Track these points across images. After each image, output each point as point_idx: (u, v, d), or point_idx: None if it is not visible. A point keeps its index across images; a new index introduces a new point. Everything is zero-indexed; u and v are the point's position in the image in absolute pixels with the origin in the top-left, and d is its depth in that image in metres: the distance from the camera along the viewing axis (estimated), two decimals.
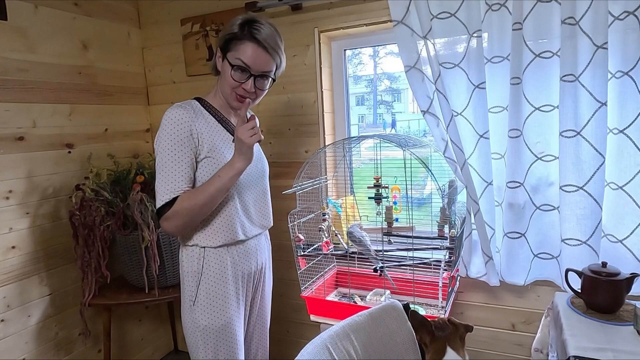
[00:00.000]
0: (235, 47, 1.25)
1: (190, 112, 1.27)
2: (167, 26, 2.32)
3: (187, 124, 1.24)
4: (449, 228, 1.66)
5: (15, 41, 1.80)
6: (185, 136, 1.24)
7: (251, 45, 1.24)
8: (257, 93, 1.31)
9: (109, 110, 2.23)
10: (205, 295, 1.31)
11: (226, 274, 1.33)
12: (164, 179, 1.23)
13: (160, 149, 1.24)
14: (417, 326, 1.22)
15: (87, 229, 1.88)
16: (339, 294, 1.94)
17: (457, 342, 1.16)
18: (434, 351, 1.16)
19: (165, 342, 2.64)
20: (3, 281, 1.77)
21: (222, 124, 1.34)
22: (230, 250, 1.35)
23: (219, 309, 1.32)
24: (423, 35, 1.64)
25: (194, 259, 1.32)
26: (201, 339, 1.31)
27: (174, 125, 1.23)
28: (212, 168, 1.28)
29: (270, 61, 1.28)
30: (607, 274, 1.35)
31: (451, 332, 1.17)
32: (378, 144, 1.64)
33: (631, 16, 1.40)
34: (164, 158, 1.23)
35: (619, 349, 1.17)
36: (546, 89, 1.57)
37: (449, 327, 1.18)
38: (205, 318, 1.31)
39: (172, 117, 1.24)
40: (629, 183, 1.49)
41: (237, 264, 1.36)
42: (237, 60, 1.24)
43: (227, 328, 1.33)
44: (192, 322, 1.32)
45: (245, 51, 1.24)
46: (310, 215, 1.87)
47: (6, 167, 1.78)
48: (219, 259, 1.32)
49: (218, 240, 1.31)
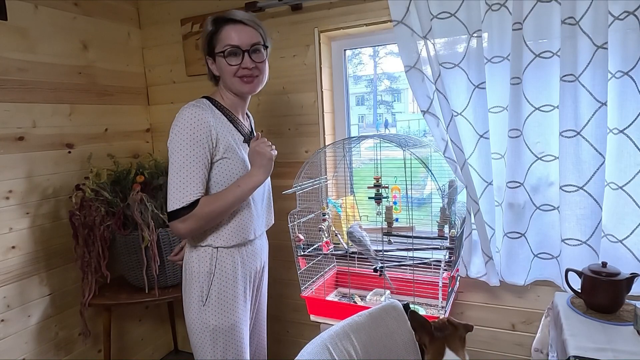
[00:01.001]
0: (217, 40, 1.28)
1: (208, 111, 1.26)
2: (167, 26, 2.32)
3: (206, 123, 1.22)
4: (449, 228, 1.66)
5: (15, 41, 1.80)
6: (204, 136, 1.22)
7: (229, 27, 1.27)
8: (259, 67, 1.31)
9: (109, 110, 2.23)
10: (217, 296, 1.31)
11: (237, 273, 1.34)
12: (182, 181, 1.21)
13: (177, 148, 1.21)
14: (417, 327, 1.22)
15: (87, 229, 1.88)
16: (339, 294, 1.94)
17: (456, 342, 1.15)
18: (433, 352, 1.16)
19: (165, 342, 2.64)
20: (3, 281, 1.77)
21: (234, 124, 1.35)
22: (241, 250, 1.36)
23: (230, 309, 1.32)
24: (423, 35, 1.64)
25: (206, 260, 1.31)
26: (210, 339, 1.31)
27: (192, 125, 1.21)
28: (228, 169, 1.28)
29: (253, 32, 1.30)
30: (607, 274, 1.35)
31: (450, 332, 1.17)
32: (378, 144, 1.64)
33: (631, 16, 1.39)
34: (181, 158, 1.21)
35: (619, 349, 1.17)
36: (546, 89, 1.57)
37: (449, 327, 1.18)
38: (215, 318, 1.31)
39: (190, 116, 1.22)
40: (629, 183, 1.49)
41: (246, 263, 1.37)
42: (225, 47, 1.26)
43: (235, 328, 1.34)
44: (202, 322, 1.31)
45: (227, 35, 1.27)
46: (310, 215, 1.87)
47: (6, 167, 1.78)
48: (231, 258, 1.33)
49: (232, 240, 1.32)
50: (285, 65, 2.07)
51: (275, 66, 2.08)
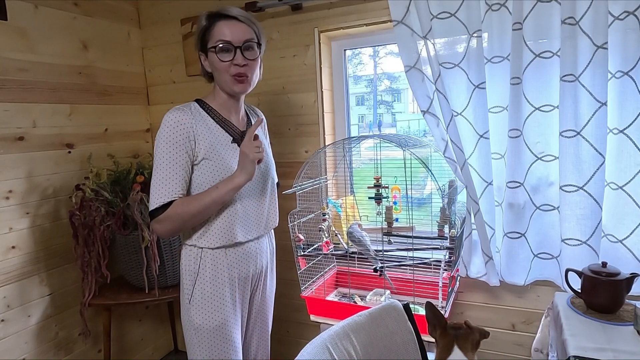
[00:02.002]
0: (210, 35, 1.28)
1: (189, 114, 1.27)
2: (167, 26, 2.32)
3: (184, 127, 1.25)
4: (449, 228, 1.66)
5: (15, 41, 1.80)
6: (182, 139, 1.24)
7: (222, 22, 1.26)
8: (250, 65, 1.30)
9: (109, 110, 2.23)
10: (201, 295, 1.32)
11: (222, 275, 1.34)
12: (159, 182, 1.24)
13: (158, 151, 1.25)
14: (431, 317, 1.20)
15: (87, 229, 1.88)
16: (339, 294, 1.94)
17: (467, 344, 1.13)
18: (441, 346, 1.14)
19: (165, 342, 2.64)
20: (3, 281, 1.77)
21: (222, 125, 1.34)
22: (228, 252, 1.35)
23: (214, 309, 1.33)
24: (423, 35, 1.64)
25: (192, 259, 1.33)
26: (195, 337, 1.33)
27: (171, 129, 1.24)
28: (210, 170, 1.28)
29: (247, 29, 1.28)
30: (607, 274, 1.35)
31: (464, 333, 1.15)
32: (378, 144, 1.64)
33: (631, 16, 1.40)
34: (160, 161, 1.24)
35: (619, 349, 1.17)
36: (546, 89, 1.57)
37: (463, 328, 1.16)
38: (199, 317, 1.32)
39: (170, 120, 1.24)
40: (629, 183, 1.49)
41: (233, 267, 1.36)
42: (217, 42, 1.26)
43: (221, 329, 1.34)
44: (188, 320, 1.34)
45: (220, 31, 1.26)
46: (310, 215, 1.87)
47: (6, 167, 1.78)
48: (215, 260, 1.33)
49: (216, 242, 1.32)
50: (285, 65, 2.07)
51: (275, 66, 2.08)
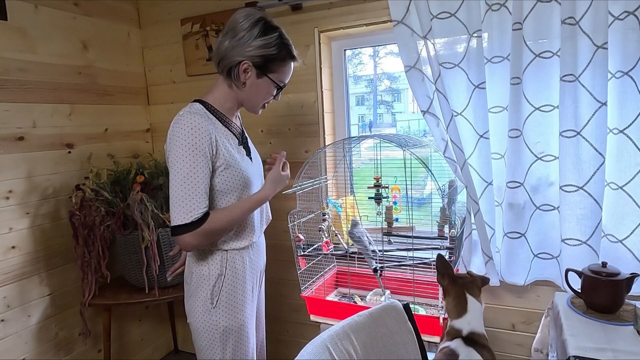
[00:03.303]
0: (279, 68, 1.30)
1: (206, 119, 1.22)
2: (167, 26, 2.32)
3: (206, 131, 1.19)
4: (449, 228, 1.66)
5: (15, 41, 1.80)
6: (205, 146, 1.19)
7: (291, 64, 1.33)
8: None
9: (109, 110, 2.23)
10: (227, 297, 1.31)
11: (245, 273, 1.36)
12: (187, 194, 1.17)
13: (179, 159, 1.17)
14: (441, 267, 1.36)
15: (87, 229, 1.88)
16: (339, 294, 1.94)
17: (474, 289, 1.32)
18: (454, 293, 1.32)
19: (165, 342, 2.64)
20: (3, 281, 1.77)
21: (227, 127, 1.33)
22: (248, 250, 1.38)
23: (239, 309, 1.34)
24: (423, 35, 1.64)
25: (217, 262, 1.31)
26: (220, 340, 1.31)
27: (192, 134, 1.17)
28: (231, 178, 1.27)
29: None
30: (607, 274, 1.35)
31: (469, 281, 1.33)
32: (378, 144, 1.64)
33: (631, 16, 1.39)
34: (184, 170, 1.17)
35: (619, 349, 1.17)
36: (546, 89, 1.57)
37: (468, 277, 1.35)
38: (226, 319, 1.31)
39: (189, 124, 1.18)
40: (629, 183, 1.49)
41: (253, 263, 1.40)
42: (281, 82, 1.33)
43: (244, 328, 1.35)
44: (211, 324, 1.30)
45: (288, 72, 1.33)
46: (310, 215, 1.87)
47: (6, 167, 1.78)
48: (241, 260, 1.35)
49: (242, 242, 1.34)
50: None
51: None
